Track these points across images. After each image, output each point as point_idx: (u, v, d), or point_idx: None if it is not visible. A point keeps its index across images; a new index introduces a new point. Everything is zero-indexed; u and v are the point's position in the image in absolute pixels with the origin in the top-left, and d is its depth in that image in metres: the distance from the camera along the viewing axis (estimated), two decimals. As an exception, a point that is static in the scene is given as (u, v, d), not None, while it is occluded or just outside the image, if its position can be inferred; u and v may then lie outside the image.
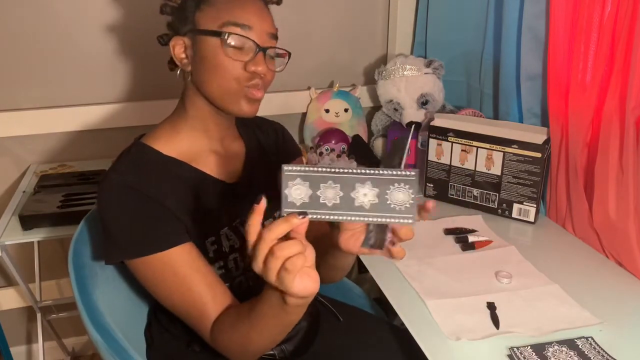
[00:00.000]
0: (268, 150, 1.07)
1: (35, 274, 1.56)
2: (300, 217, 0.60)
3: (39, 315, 1.57)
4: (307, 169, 0.59)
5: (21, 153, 1.57)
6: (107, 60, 1.54)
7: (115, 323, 0.89)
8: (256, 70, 0.85)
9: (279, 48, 0.91)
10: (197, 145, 0.93)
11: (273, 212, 1.00)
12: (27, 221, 1.27)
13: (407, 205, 0.60)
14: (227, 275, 0.92)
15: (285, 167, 0.59)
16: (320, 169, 0.60)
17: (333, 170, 0.60)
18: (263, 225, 0.62)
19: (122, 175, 0.84)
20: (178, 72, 0.93)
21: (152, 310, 1.06)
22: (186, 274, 0.82)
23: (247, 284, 0.95)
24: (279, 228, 0.60)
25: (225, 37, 0.84)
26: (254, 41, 0.85)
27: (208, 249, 0.90)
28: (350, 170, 0.60)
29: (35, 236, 1.27)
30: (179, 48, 0.89)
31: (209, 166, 0.93)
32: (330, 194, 0.60)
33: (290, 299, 0.65)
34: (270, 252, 0.60)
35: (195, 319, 0.84)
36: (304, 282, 0.62)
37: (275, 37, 0.90)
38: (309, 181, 0.60)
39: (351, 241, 0.74)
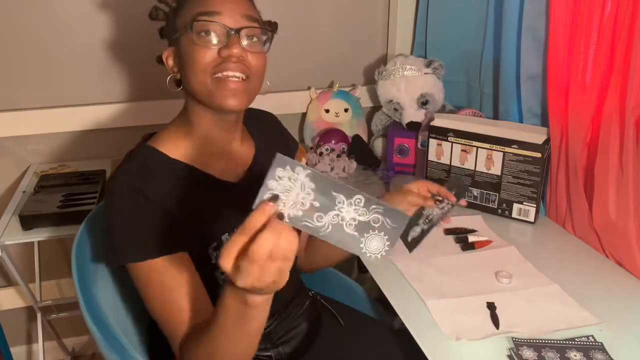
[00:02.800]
0: (277, 144, 1.05)
1: (35, 274, 1.56)
2: (272, 202, 0.56)
3: (39, 315, 1.57)
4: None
5: (21, 153, 1.57)
6: (107, 60, 1.55)
7: (117, 322, 0.89)
8: (230, 54, 0.82)
9: (255, 26, 0.85)
10: (204, 150, 0.92)
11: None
12: (27, 221, 1.27)
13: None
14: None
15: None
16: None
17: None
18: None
19: (127, 177, 0.84)
20: (167, 80, 0.92)
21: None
22: (171, 286, 0.81)
23: None
24: (253, 222, 0.56)
25: (192, 27, 0.83)
26: (223, 24, 0.82)
27: (210, 255, 0.88)
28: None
29: (35, 236, 1.27)
30: (170, 59, 0.90)
31: (216, 169, 0.92)
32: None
33: (252, 298, 0.61)
34: (271, 257, 0.55)
35: (169, 332, 0.82)
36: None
37: (253, 19, 0.86)
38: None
39: None
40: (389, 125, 1.64)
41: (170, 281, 0.81)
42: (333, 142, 1.60)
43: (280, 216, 0.57)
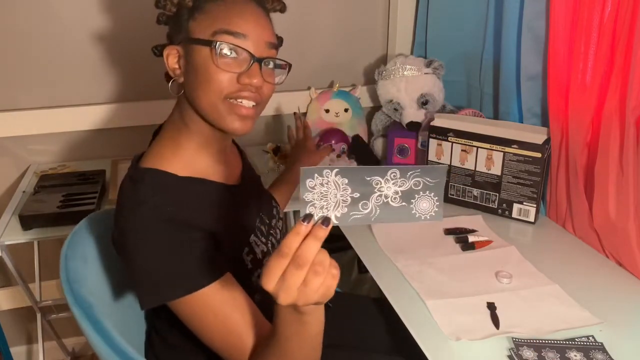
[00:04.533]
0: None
1: (35, 274, 1.56)
2: (325, 225, 0.58)
3: (39, 315, 1.57)
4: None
5: (21, 153, 1.57)
6: (106, 60, 1.55)
7: (115, 325, 0.88)
8: (250, 83, 0.79)
9: (278, 59, 0.86)
10: (205, 159, 0.89)
11: (272, 211, 1.03)
12: (27, 221, 1.27)
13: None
14: None
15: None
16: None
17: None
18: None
19: (151, 208, 0.78)
20: (170, 84, 0.88)
21: (151, 328, 1.02)
22: (226, 313, 0.77)
23: None
24: (311, 250, 0.57)
25: (215, 45, 0.78)
26: (248, 51, 0.79)
27: (245, 260, 0.87)
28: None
29: (35, 236, 1.27)
30: (172, 58, 0.84)
31: (221, 176, 0.91)
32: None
33: (305, 307, 0.62)
34: (313, 272, 0.57)
35: (234, 358, 0.80)
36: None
37: (274, 46, 0.84)
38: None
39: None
40: (389, 125, 1.64)
41: (224, 307, 0.77)
42: (333, 142, 1.60)
43: (326, 221, 0.58)
